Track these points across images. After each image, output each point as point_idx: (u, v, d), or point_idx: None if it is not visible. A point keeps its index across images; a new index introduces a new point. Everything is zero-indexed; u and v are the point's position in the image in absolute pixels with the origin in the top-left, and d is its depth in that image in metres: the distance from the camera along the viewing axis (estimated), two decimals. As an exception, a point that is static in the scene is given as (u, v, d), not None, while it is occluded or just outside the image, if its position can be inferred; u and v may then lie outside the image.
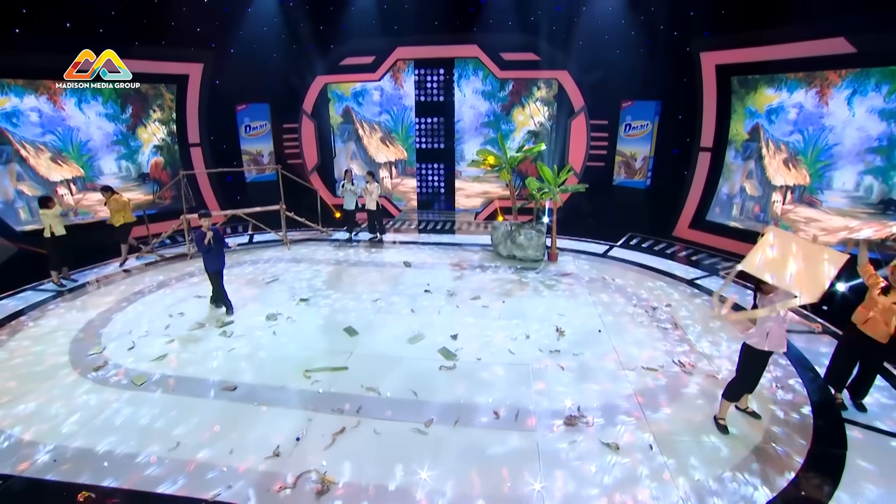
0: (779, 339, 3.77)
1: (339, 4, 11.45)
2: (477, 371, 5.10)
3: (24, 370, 5.23)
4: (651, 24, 10.40)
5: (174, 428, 4.23)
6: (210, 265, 6.22)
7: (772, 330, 3.76)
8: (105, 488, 3.56)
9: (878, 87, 7.30)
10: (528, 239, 8.50)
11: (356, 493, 3.48)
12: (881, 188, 7.41)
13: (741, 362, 3.99)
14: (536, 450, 3.90)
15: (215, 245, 6.07)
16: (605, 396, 4.62)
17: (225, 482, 3.61)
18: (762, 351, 3.82)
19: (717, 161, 9.75)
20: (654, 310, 6.59)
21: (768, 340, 3.78)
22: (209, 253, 6.09)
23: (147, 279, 8.11)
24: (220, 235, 6.25)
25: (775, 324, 3.74)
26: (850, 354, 4.28)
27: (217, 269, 6.28)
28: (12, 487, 3.61)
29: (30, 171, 9.85)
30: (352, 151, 13.07)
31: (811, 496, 3.43)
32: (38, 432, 4.20)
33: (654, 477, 3.59)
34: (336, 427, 4.19)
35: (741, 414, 4.30)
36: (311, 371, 5.11)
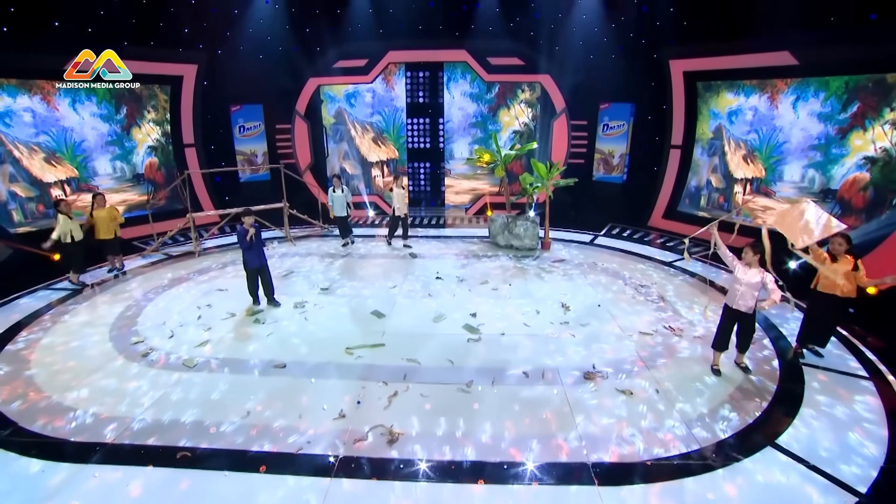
0: (745, 302, 4.71)
1: (333, 9, 11.85)
2: (500, 341, 5.81)
3: (75, 360, 5.50)
4: (621, 33, 11.44)
5: (242, 401, 4.70)
6: (250, 262, 6.49)
7: (742, 293, 4.70)
8: (200, 448, 4.02)
9: (817, 94, 8.56)
10: (525, 230, 9.30)
11: (422, 441, 4.10)
12: (821, 179, 8.68)
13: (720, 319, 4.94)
14: (565, 398, 4.64)
15: (256, 242, 6.38)
16: (612, 356, 5.44)
17: (303, 440, 4.14)
18: (732, 308, 4.78)
19: (685, 157, 10.90)
20: (642, 287, 7.52)
21: (737, 301, 4.72)
22: (250, 250, 6.38)
23: (162, 276, 8.33)
24: (261, 234, 6.57)
25: (746, 288, 4.67)
26: (817, 315, 5.25)
27: (256, 266, 6.55)
28: (112, 452, 4.00)
29: (23, 171, 9.74)
30: (344, 151, 13.49)
31: (781, 417, 4.34)
32: (117, 408, 4.57)
33: (666, 413, 4.41)
34: (389, 392, 4.78)
35: (728, 362, 5.21)
36: (353, 348, 5.66)
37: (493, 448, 3.99)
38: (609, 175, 12.27)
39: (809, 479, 3.61)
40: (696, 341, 5.80)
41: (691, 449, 3.96)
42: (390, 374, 5.11)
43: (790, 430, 4.18)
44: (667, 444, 4.02)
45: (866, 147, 7.98)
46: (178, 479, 3.70)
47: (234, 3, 11.57)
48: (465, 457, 3.90)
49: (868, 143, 7.94)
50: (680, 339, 5.88)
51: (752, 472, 3.69)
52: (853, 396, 4.67)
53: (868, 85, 7.88)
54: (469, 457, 3.90)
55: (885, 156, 7.74)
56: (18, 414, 4.51)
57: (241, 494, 3.54)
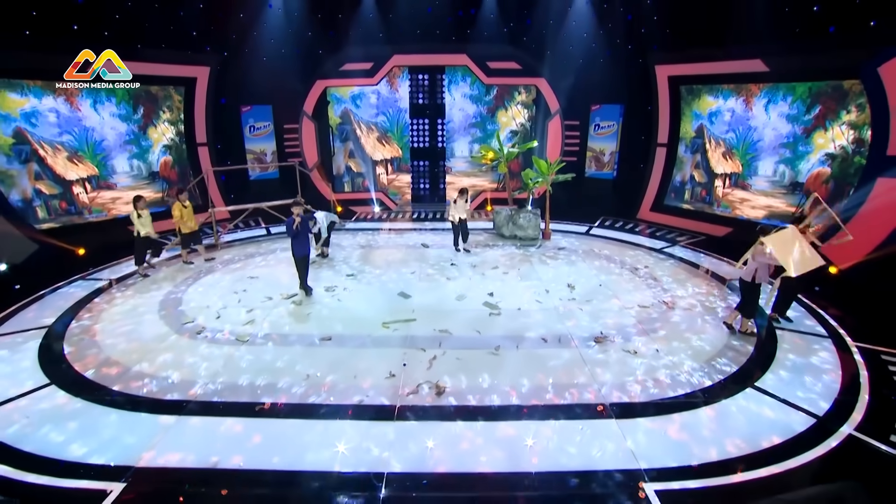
0: (763, 276, 5.64)
1: (341, 13, 12.45)
2: (518, 315, 6.61)
3: (136, 338, 6.08)
4: (610, 39, 12.36)
5: (300, 366, 5.37)
6: (297, 250, 7.01)
7: (758, 270, 5.59)
8: (276, 402, 4.70)
9: (785, 97, 9.62)
10: (527, 221, 10.13)
11: (463, 393, 4.86)
12: (790, 174, 9.75)
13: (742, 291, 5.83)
14: (581, 358, 5.46)
15: (301, 231, 6.90)
16: (617, 324, 6.29)
17: (360, 394, 4.85)
18: (752, 283, 5.67)
19: (671, 154, 11.89)
20: (637, 270, 8.43)
21: (756, 276, 5.62)
22: (296, 238, 6.90)
23: (191, 267, 8.86)
24: (307, 223, 7.09)
25: (760, 268, 5.57)
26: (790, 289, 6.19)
27: (303, 254, 7.07)
28: (200, 406, 4.65)
29: (47, 170, 10.12)
30: (349, 150, 14.12)
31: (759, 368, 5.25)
32: (189, 374, 5.20)
33: (664, 366, 5.27)
34: (428, 356, 5.52)
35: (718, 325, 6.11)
36: (389, 323, 6.38)
37: (525, 394, 4.78)
38: (600, 171, 13.22)
39: (781, 409, 4.51)
40: (686, 312, 6.70)
41: (687, 391, 4.82)
42: (426, 343, 5.85)
43: (767, 376, 5.09)
44: (665, 387, 4.88)
45: (827, 145, 9.06)
46: (264, 426, 4.39)
47: (243, 9, 12.07)
48: (503, 402, 4.68)
49: (829, 141, 9.02)
50: (673, 310, 6.77)
51: (736, 406, 4.56)
52: (816, 351, 5.61)
53: (828, 90, 8.96)
54: (507, 402, 4.68)
55: (843, 153, 8.83)
56: (108, 380, 5.11)
57: (323, 435, 4.24)
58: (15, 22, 8.93)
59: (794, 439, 4.10)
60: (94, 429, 4.33)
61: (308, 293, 7.33)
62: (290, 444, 4.13)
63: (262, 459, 3.94)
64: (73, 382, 5.10)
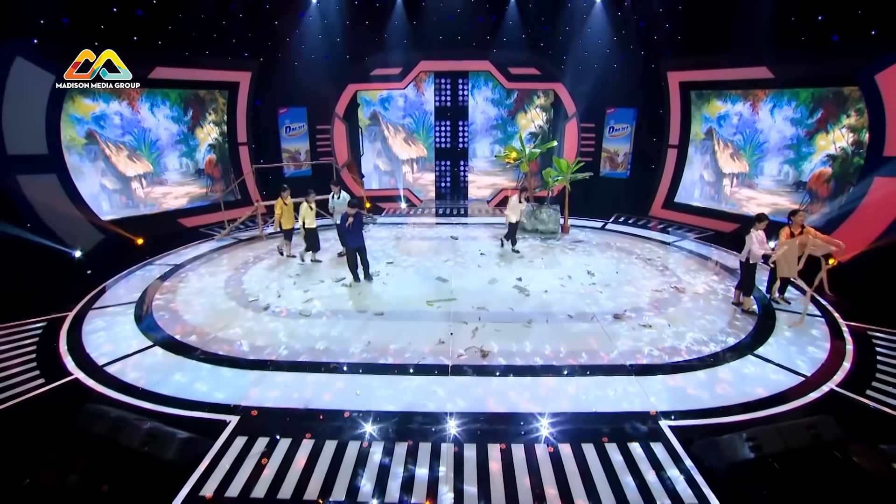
0: (756, 258, 6.45)
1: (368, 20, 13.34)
2: (544, 296, 7.46)
3: (212, 312, 7.02)
4: (623, 45, 13.12)
5: (359, 335, 6.27)
6: (351, 242, 7.82)
7: (752, 252, 6.41)
8: (344, 362, 5.60)
9: (790, 102, 10.36)
10: (548, 216, 10.97)
11: (504, 355, 5.72)
12: (794, 174, 10.48)
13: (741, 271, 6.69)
14: (602, 331, 6.30)
15: (354, 226, 7.64)
16: (633, 304, 7.12)
17: (418, 358, 5.73)
18: (748, 263, 6.51)
19: (681, 155, 12.65)
20: (650, 260, 9.23)
21: (750, 257, 6.45)
22: (349, 232, 7.67)
23: (244, 255, 9.82)
24: (361, 219, 7.82)
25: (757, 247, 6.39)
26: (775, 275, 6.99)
27: (356, 246, 7.85)
28: (279, 364, 5.56)
29: (111, 167, 11.16)
30: (377, 149, 15.04)
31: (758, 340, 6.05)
32: (268, 340, 6.12)
33: (676, 337, 6.09)
34: (470, 328, 6.39)
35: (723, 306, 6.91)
36: (432, 301, 7.27)
37: (556, 358, 5.63)
38: (615, 171, 14.00)
39: (776, 371, 5.31)
40: (695, 296, 7.50)
41: (696, 357, 5.65)
42: (467, 318, 6.72)
43: (765, 346, 5.90)
44: (677, 354, 5.70)
45: (828, 147, 9.78)
46: (342, 378, 5.29)
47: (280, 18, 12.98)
48: (537, 363, 5.54)
49: (830, 143, 9.75)
50: (683, 294, 7.57)
51: (737, 368, 5.38)
52: (809, 328, 6.39)
53: (829, 95, 9.68)
54: (539, 362, 5.54)
55: (843, 154, 9.55)
56: (200, 343, 6.05)
57: (392, 384, 5.13)
58: (88, 35, 9.91)
59: (783, 392, 4.91)
60: (201, 379, 5.26)
61: (357, 279, 8.16)
62: (366, 391, 5.02)
63: (345, 402, 4.83)
64: (170, 345, 6.04)
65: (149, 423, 4.29)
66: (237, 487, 3.74)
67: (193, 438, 4.18)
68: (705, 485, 3.70)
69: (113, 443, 4.00)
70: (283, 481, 3.80)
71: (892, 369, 5.28)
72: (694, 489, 3.67)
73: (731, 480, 3.73)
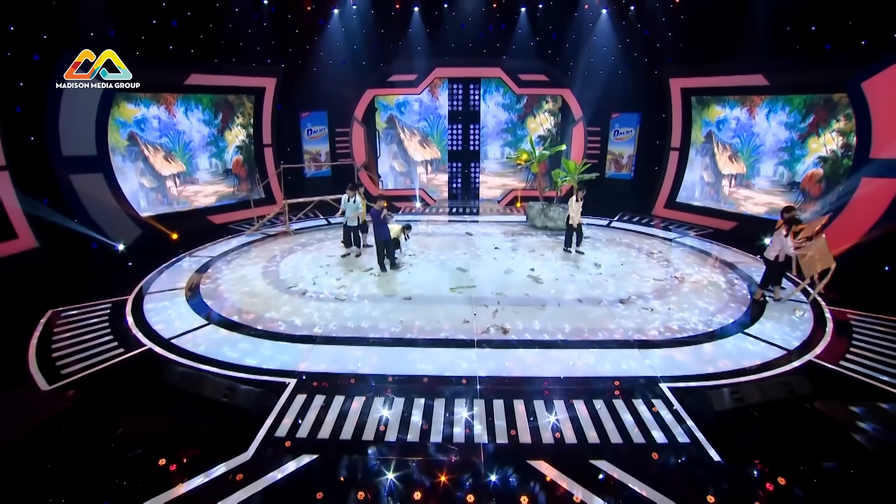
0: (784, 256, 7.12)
1: (389, 30, 14.16)
2: (556, 284, 8.18)
3: (257, 297, 7.78)
4: (627, 53, 13.84)
5: (392, 316, 7.01)
6: (382, 234, 8.64)
7: (780, 252, 7.09)
8: (382, 337, 6.35)
9: (784, 108, 11.06)
10: (557, 214, 11.70)
11: (522, 332, 6.45)
12: (788, 174, 11.17)
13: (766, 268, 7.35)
14: (609, 312, 7.02)
15: (384, 220, 8.50)
16: (637, 291, 7.83)
17: (444, 333, 6.47)
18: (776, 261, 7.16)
19: (682, 157, 13.36)
20: (652, 254, 9.94)
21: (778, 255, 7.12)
22: (381, 226, 8.52)
23: (274, 249, 10.60)
24: (388, 215, 8.63)
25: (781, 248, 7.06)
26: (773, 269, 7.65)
27: (385, 238, 8.67)
28: (325, 339, 6.31)
29: (149, 167, 11.99)
30: (394, 152, 15.83)
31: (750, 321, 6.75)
32: (310, 320, 6.87)
33: (674, 318, 6.81)
34: (491, 310, 7.12)
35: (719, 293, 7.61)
36: (455, 288, 8.01)
37: (569, 333, 6.36)
38: (619, 173, 14.72)
39: (763, 346, 6.02)
40: (692, 284, 8.20)
41: (691, 334, 6.35)
42: (487, 302, 7.46)
43: (755, 326, 6.60)
44: (676, 331, 6.41)
45: (820, 149, 10.47)
46: (378, 351, 6.03)
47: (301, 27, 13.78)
48: (554, 337, 6.26)
49: (821, 146, 10.44)
50: (682, 283, 8.28)
51: (729, 343, 6.09)
52: (795, 312, 7.09)
53: (820, 102, 10.38)
54: (557, 337, 6.26)
55: (834, 156, 10.24)
56: (249, 321, 6.82)
57: (425, 355, 5.87)
58: (131, 45, 10.74)
59: (768, 362, 5.61)
60: (258, 350, 6.01)
61: (384, 270, 8.92)
62: (401, 361, 5.76)
63: (386, 367, 5.57)
64: (224, 323, 6.81)
65: (225, 381, 5.05)
66: (305, 430, 4.48)
67: (263, 393, 4.93)
68: (696, 428, 4.41)
69: (197, 395, 4.76)
70: (342, 427, 4.54)
71: (864, 345, 5.97)
72: (682, 425, 4.39)
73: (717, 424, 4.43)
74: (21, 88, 9.17)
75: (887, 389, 5.02)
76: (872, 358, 5.67)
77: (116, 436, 4.26)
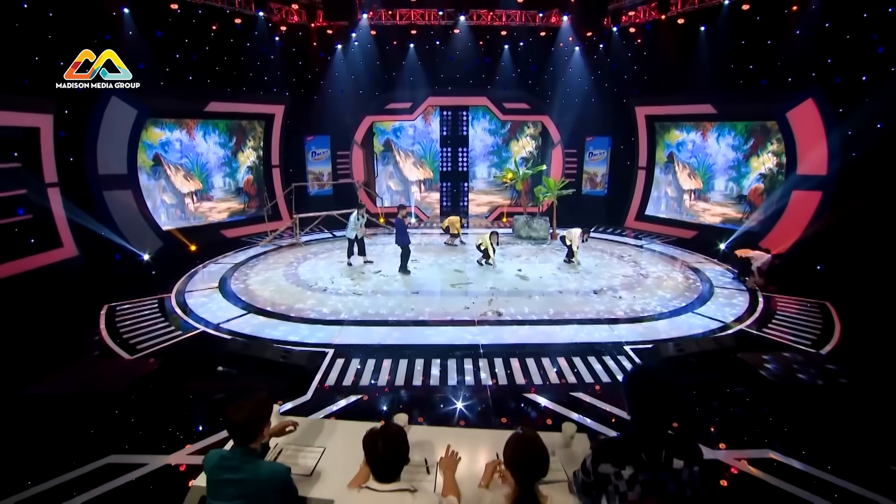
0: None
1: (386, 63, 15.80)
2: (540, 280, 9.60)
3: (286, 293, 8.96)
4: (598, 83, 15.74)
5: (404, 305, 8.29)
6: (402, 240, 9.99)
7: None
8: (400, 320, 7.61)
9: (730, 132, 12.97)
10: (539, 225, 13.23)
11: (514, 315, 7.79)
12: (736, 189, 12.99)
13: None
14: (585, 300, 8.45)
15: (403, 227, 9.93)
16: (609, 284, 9.29)
17: (449, 316, 7.76)
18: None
19: (649, 175, 15.16)
20: (622, 258, 11.49)
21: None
22: (403, 233, 9.90)
23: (289, 257, 11.79)
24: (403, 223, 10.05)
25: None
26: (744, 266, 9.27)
27: (405, 243, 10.04)
28: (345, 324, 7.54)
29: (170, 185, 13.14)
30: (390, 172, 17.29)
31: (699, 304, 8.24)
32: (335, 309, 8.09)
33: (639, 303, 8.26)
34: (486, 300, 8.46)
35: (677, 286, 9.12)
36: (455, 284, 9.34)
37: (553, 315, 7.73)
38: (594, 190, 16.45)
39: (706, 322, 7.50)
40: (655, 280, 9.72)
41: (651, 314, 7.80)
42: (484, 294, 8.80)
43: (703, 307, 8.10)
44: (639, 313, 7.86)
45: (760, 167, 12.33)
46: (398, 330, 7.29)
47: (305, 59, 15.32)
48: (541, 317, 7.63)
49: (761, 164, 12.30)
50: (646, 278, 9.80)
51: (680, 320, 7.55)
52: (736, 297, 8.63)
53: (758, 128, 12.30)
54: (543, 317, 7.63)
55: (771, 173, 12.09)
56: (283, 311, 8.00)
57: (436, 331, 7.15)
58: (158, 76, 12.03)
59: (707, 331, 7.08)
60: (296, 331, 7.20)
61: (406, 273, 10.18)
62: (417, 335, 7.03)
63: (406, 340, 6.83)
64: (260, 312, 7.97)
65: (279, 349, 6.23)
66: (349, 379, 5.70)
67: (311, 355, 6.13)
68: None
69: (258, 359, 5.92)
70: (378, 378, 5.77)
71: (783, 318, 7.52)
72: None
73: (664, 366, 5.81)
74: (66, 115, 10.34)
75: (791, 344, 6.52)
76: (786, 326, 7.19)
77: (198, 388, 5.40)
